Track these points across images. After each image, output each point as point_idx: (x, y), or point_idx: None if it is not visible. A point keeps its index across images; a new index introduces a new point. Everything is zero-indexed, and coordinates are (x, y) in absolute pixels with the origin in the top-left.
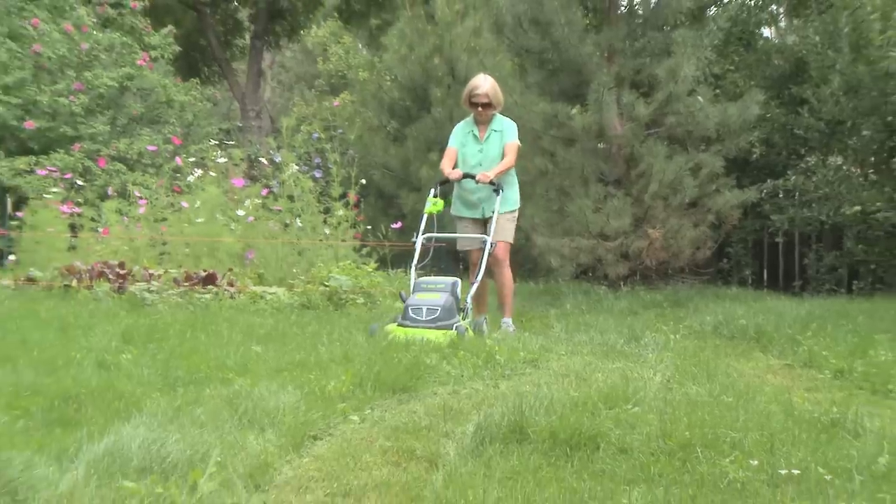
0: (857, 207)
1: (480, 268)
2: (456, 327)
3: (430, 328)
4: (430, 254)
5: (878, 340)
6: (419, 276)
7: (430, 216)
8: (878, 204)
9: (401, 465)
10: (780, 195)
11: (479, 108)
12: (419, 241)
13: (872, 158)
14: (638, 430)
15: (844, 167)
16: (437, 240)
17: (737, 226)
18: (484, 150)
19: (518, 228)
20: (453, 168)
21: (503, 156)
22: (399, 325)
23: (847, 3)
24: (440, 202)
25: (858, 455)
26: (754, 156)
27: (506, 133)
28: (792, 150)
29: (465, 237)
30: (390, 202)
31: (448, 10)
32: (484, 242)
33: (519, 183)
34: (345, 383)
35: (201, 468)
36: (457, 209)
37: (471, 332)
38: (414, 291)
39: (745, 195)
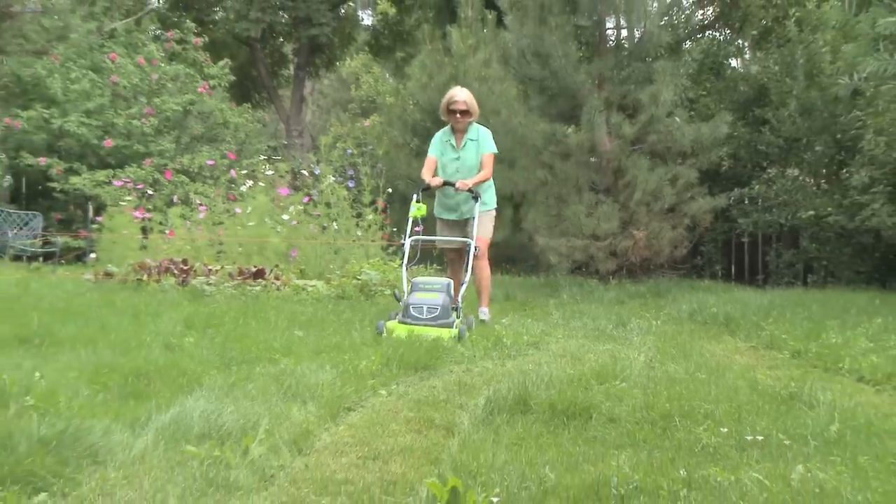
0: (811, 212)
1: (467, 268)
2: (458, 328)
3: (430, 325)
4: (418, 254)
5: (829, 326)
6: (411, 275)
7: (416, 219)
8: (829, 209)
9: (422, 432)
10: (746, 202)
11: (458, 115)
12: (407, 243)
13: (824, 170)
14: (625, 403)
15: (800, 178)
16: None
17: (709, 228)
18: (461, 157)
19: (521, 230)
20: (433, 176)
21: (479, 163)
22: (401, 322)
23: (802, 38)
24: (423, 207)
25: (813, 423)
26: (723, 168)
27: (482, 143)
28: (755, 164)
29: (446, 239)
30: None
31: (462, 45)
32: (465, 244)
33: (523, 192)
34: (374, 363)
35: (252, 435)
36: (438, 211)
37: (468, 332)
38: (412, 291)
39: (716, 202)
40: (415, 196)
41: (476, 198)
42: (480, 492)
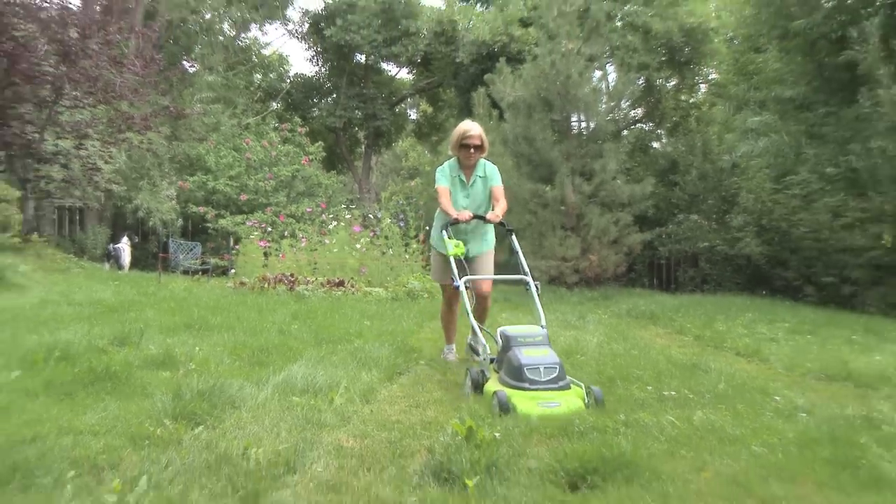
0: (706, 244)
1: (539, 309)
2: (591, 388)
3: (554, 389)
4: (475, 297)
5: (718, 319)
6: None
7: (458, 258)
8: (717, 241)
9: (449, 390)
10: (664, 236)
11: (471, 151)
12: (461, 284)
13: (714, 216)
14: (583, 370)
15: (699, 221)
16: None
17: (639, 254)
18: (471, 194)
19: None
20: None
21: (489, 198)
22: (516, 388)
23: (699, 129)
24: (461, 244)
25: (707, 383)
26: (649, 213)
27: (492, 178)
28: (670, 211)
29: (504, 278)
30: None
31: None
32: (524, 282)
33: (515, 229)
34: (418, 342)
35: (336, 390)
36: (439, 245)
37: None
38: (511, 346)
39: (644, 236)
40: (444, 233)
41: (511, 230)
42: (488, 430)
